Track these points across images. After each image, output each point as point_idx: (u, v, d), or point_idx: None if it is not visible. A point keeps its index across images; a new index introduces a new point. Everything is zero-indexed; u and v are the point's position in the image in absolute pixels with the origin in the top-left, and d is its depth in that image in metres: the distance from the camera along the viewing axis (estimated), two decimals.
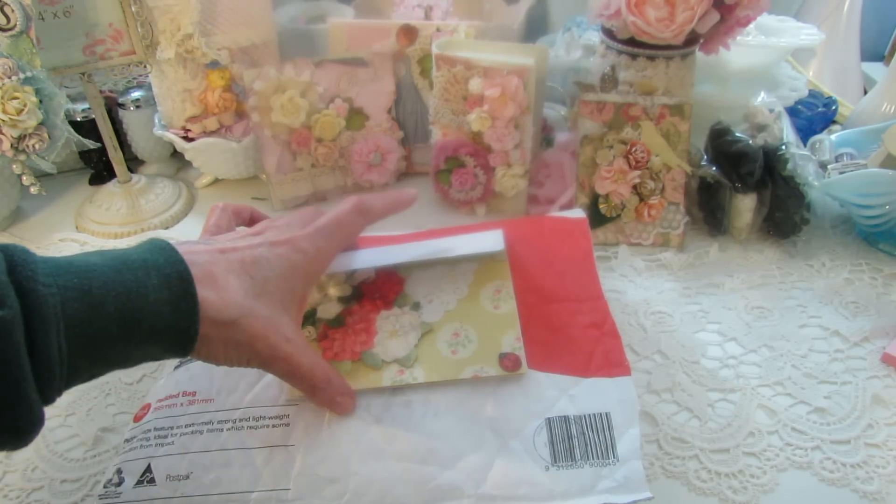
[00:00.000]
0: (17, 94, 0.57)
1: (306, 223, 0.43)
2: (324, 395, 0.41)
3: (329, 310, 0.49)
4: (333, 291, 0.50)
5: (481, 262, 0.51)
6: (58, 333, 0.29)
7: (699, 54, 0.69)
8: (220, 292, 0.35)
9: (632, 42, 0.66)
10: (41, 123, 0.59)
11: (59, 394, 0.31)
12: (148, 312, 0.32)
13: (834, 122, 0.83)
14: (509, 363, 0.44)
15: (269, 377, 0.45)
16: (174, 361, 0.50)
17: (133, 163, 0.84)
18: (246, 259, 0.37)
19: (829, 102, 0.82)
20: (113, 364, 0.33)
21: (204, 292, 0.34)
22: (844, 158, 0.69)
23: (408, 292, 0.50)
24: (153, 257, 0.34)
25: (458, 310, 0.48)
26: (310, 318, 0.49)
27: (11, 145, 0.58)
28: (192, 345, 0.34)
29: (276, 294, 0.38)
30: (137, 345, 0.33)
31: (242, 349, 0.37)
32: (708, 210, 0.68)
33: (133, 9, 0.64)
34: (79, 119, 0.77)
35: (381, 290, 0.51)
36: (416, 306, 0.49)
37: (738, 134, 0.66)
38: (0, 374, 0.28)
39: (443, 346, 0.46)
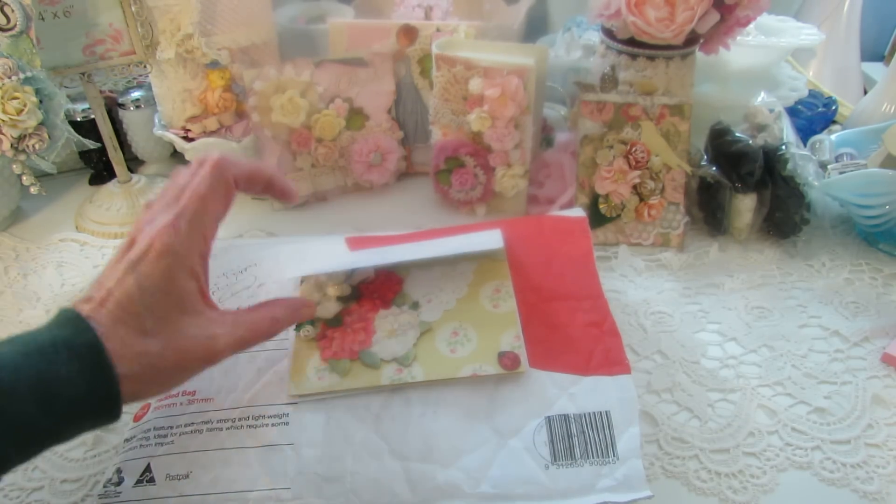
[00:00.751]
0: (17, 94, 0.57)
1: (174, 210, 0.39)
2: (283, 325, 0.43)
3: (328, 309, 0.49)
4: (332, 291, 0.50)
5: (481, 262, 0.51)
6: None
7: (699, 54, 0.69)
8: (120, 347, 0.34)
9: (632, 42, 0.66)
10: (41, 123, 0.59)
11: None
12: (63, 386, 0.32)
13: (834, 122, 0.83)
14: (508, 361, 0.44)
15: (269, 377, 0.45)
16: None
17: (133, 163, 0.84)
18: (122, 301, 0.35)
19: (829, 102, 0.82)
20: (44, 443, 0.34)
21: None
22: (844, 158, 0.69)
23: (406, 292, 0.50)
24: (61, 332, 0.34)
25: (458, 309, 0.48)
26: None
27: (11, 145, 0.58)
28: (118, 404, 0.34)
29: (166, 307, 0.37)
30: (61, 420, 0.33)
31: (176, 374, 0.37)
32: (708, 210, 0.68)
33: (133, 9, 0.64)
34: (79, 119, 0.77)
35: (380, 289, 0.50)
36: (415, 305, 0.49)
37: (738, 134, 0.66)
38: None
39: (441, 345, 0.46)
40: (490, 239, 0.53)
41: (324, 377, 0.45)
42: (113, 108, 0.80)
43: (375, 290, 0.51)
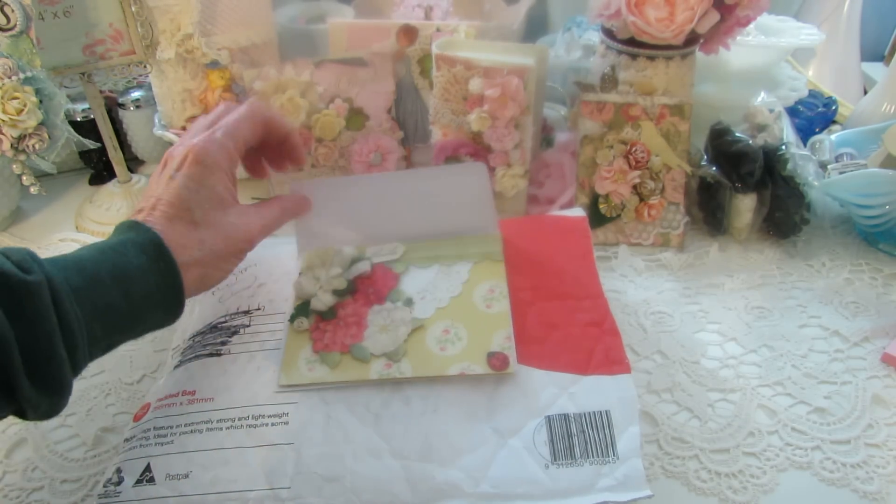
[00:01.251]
0: (17, 94, 0.57)
1: (208, 126, 0.46)
2: (288, 214, 0.50)
3: (322, 302, 0.50)
4: (329, 284, 0.51)
5: (478, 262, 0.52)
6: (70, 301, 0.34)
7: (699, 54, 0.69)
8: (179, 238, 0.41)
9: (632, 42, 0.66)
10: (41, 123, 0.59)
11: (85, 362, 0.36)
12: (135, 276, 0.38)
13: (834, 122, 0.83)
14: (497, 362, 0.45)
15: (268, 376, 0.45)
16: (174, 361, 0.50)
17: (133, 163, 0.84)
18: (171, 202, 0.42)
19: (829, 102, 0.82)
20: (124, 330, 0.38)
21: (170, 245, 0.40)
22: (844, 158, 0.69)
23: (402, 288, 0.51)
24: (127, 235, 0.40)
25: (451, 307, 0.49)
26: (303, 309, 0.50)
27: (11, 145, 0.58)
28: (181, 292, 0.40)
29: (208, 202, 0.43)
30: (137, 307, 0.38)
31: (227, 258, 0.44)
32: (708, 210, 0.68)
33: (133, 9, 0.64)
34: (79, 119, 0.77)
35: (376, 285, 0.51)
36: (409, 302, 0.50)
37: (738, 134, 0.66)
38: (36, 331, 0.33)
39: (432, 343, 0.47)
40: (474, 170, 0.54)
41: (314, 369, 0.46)
42: (113, 108, 0.81)
43: (371, 285, 0.51)
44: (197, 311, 0.54)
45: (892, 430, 0.48)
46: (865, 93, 0.90)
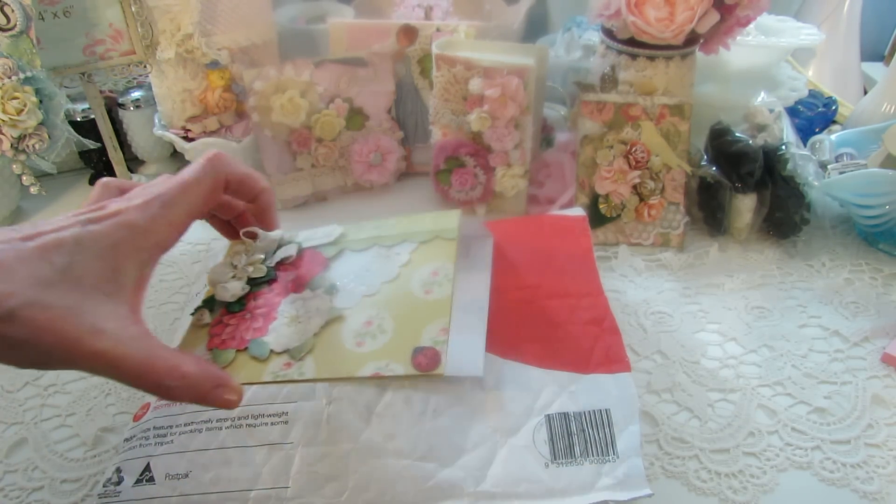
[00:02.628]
0: (17, 94, 0.57)
1: (153, 191, 0.36)
2: (182, 392, 0.33)
3: (229, 291, 0.43)
4: (244, 272, 0.44)
5: (425, 241, 0.45)
6: None
7: (699, 54, 0.70)
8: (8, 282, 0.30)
9: (632, 42, 0.66)
10: (41, 123, 0.59)
11: None
12: None
13: (834, 122, 0.83)
14: (424, 360, 0.38)
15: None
16: None
17: (133, 163, 0.84)
18: (48, 244, 0.31)
19: (829, 102, 0.82)
20: None
21: None
22: (844, 158, 0.69)
23: (327, 274, 0.44)
24: None
25: (380, 295, 0.42)
26: (210, 301, 0.44)
27: (11, 145, 0.58)
28: None
29: (86, 278, 0.32)
30: None
31: (26, 348, 0.30)
32: (708, 210, 0.68)
33: (133, 9, 0.64)
34: (79, 119, 0.77)
35: (299, 271, 0.44)
36: (331, 289, 0.43)
37: (738, 134, 0.66)
38: None
39: (348, 337, 0.40)
40: (446, 218, 0.46)
41: None
42: (113, 108, 0.81)
43: (294, 270, 0.45)
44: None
45: (892, 430, 0.48)
46: (865, 93, 0.90)
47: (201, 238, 0.69)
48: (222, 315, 0.42)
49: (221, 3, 0.72)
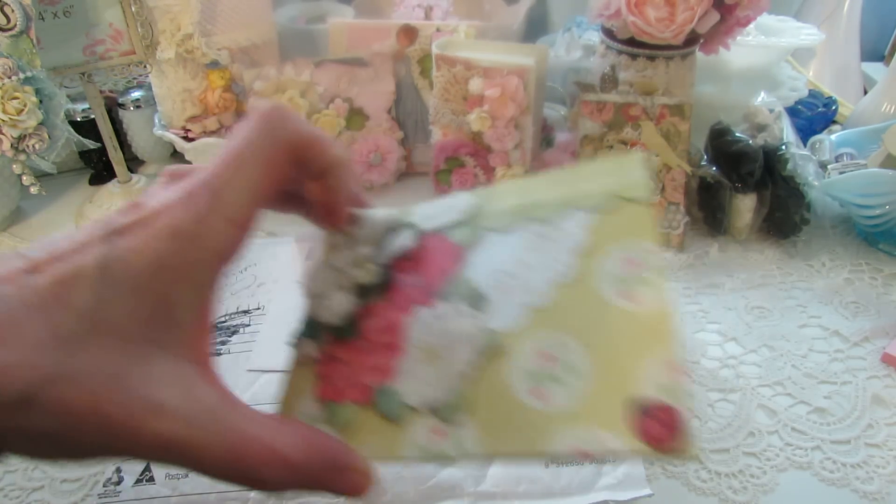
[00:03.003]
0: (17, 94, 0.57)
1: (201, 176, 0.24)
2: (287, 483, 0.23)
3: (334, 309, 0.29)
4: (350, 277, 0.30)
5: (603, 209, 0.27)
6: None
7: (699, 54, 0.70)
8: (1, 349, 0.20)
9: (632, 42, 0.66)
10: (41, 123, 0.59)
11: None
12: None
13: (834, 122, 0.83)
14: (655, 427, 0.23)
15: (268, 375, 0.45)
16: None
17: (133, 163, 0.84)
18: (65, 277, 0.21)
19: (829, 102, 0.82)
20: None
21: None
22: (844, 158, 0.69)
23: (465, 273, 0.28)
24: None
25: (555, 305, 0.26)
26: (312, 324, 0.30)
27: (11, 145, 0.58)
28: None
29: (124, 324, 0.21)
30: None
31: (55, 440, 0.20)
32: (708, 210, 0.68)
33: (133, 9, 0.64)
34: (79, 119, 0.77)
35: (424, 268, 0.30)
36: (477, 299, 0.27)
37: (738, 134, 0.66)
38: None
39: (517, 382, 0.25)
40: (622, 166, 0.28)
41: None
42: (113, 108, 0.81)
43: (416, 269, 0.30)
44: None
45: (892, 430, 0.48)
46: (865, 93, 0.90)
47: None
48: (331, 345, 0.29)
49: (221, 3, 0.73)
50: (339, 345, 0.29)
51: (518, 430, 0.24)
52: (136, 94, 0.81)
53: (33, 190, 0.63)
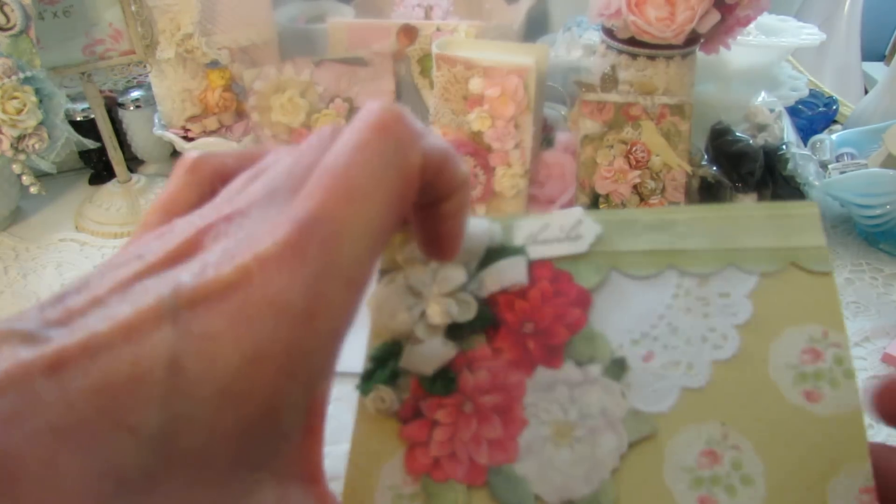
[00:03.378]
0: (16, 94, 0.57)
1: (301, 208, 0.15)
2: None
3: (426, 354, 0.23)
4: (436, 311, 0.23)
5: (775, 278, 0.22)
6: None
7: (699, 54, 0.69)
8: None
9: (632, 42, 0.66)
10: (41, 123, 0.59)
11: None
12: None
13: (834, 121, 0.83)
14: None
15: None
16: None
17: (133, 163, 0.84)
18: (114, 382, 0.13)
19: (830, 102, 0.82)
20: None
21: None
22: (845, 158, 0.69)
23: (595, 326, 0.23)
24: None
25: (717, 391, 0.21)
26: (384, 364, 0.23)
27: (11, 145, 0.58)
28: None
29: (208, 448, 0.14)
30: None
31: None
32: None
33: (133, 8, 0.64)
34: (79, 119, 0.77)
35: (541, 312, 0.23)
36: (619, 369, 0.22)
37: (738, 134, 0.66)
38: None
39: (679, 485, 0.20)
40: (792, 218, 0.23)
41: None
42: (113, 107, 0.80)
43: (532, 313, 0.23)
44: None
45: (892, 429, 0.48)
46: (866, 92, 0.90)
47: None
48: (416, 396, 0.22)
49: (221, 3, 0.72)
50: (431, 399, 0.22)
51: None
52: (136, 93, 0.81)
53: (33, 190, 0.63)
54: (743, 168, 0.64)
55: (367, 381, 0.23)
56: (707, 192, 0.67)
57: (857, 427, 0.20)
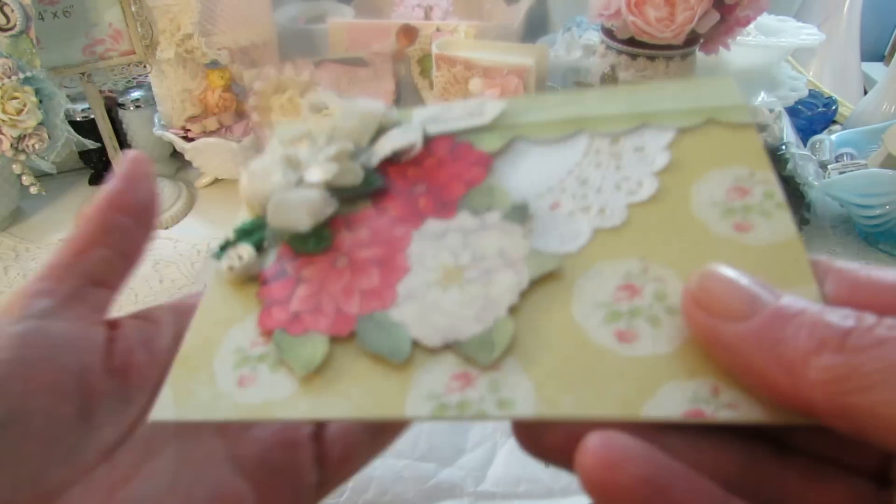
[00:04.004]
0: (16, 94, 0.57)
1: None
2: None
3: (305, 207, 0.21)
4: (315, 173, 0.22)
5: (693, 133, 0.22)
6: None
7: (699, 54, 0.69)
8: None
9: (632, 42, 0.66)
10: (41, 123, 0.59)
11: None
12: None
13: (834, 122, 0.83)
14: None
15: None
16: None
17: None
18: None
19: (829, 102, 0.82)
20: None
21: None
22: (844, 158, 0.69)
23: (497, 184, 0.22)
24: None
25: (635, 229, 0.20)
26: (252, 227, 0.22)
27: (11, 145, 0.58)
28: None
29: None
30: None
31: None
32: None
33: (133, 9, 0.64)
34: (79, 119, 0.77)
35: (435, 175, 0.22)
36: (520, 214, 0.21)
37: None
38: None
39: (591, 321, 0.18)
40: (708, 88, 0.23)
41: (255, 379, 0.19)
42: (113, 108, 0.81)
43: (424, 177, 0.22)
44: None
45: None
46: (865, 93, 0.90)
47: (202, 237, 0.69)
48: (284, 259, 0.21)
49: (221, 3, 0.73)
50: (301, 259, 0.21)
51: (602, 385, 0.17)
52: (136, 94, 0.81)
53: (33, 190, 0.63)
54: None
55: (224, 248, 0.22)
56: None
57: (798, 251, 0.18)
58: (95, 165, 0.82)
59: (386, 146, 0.23)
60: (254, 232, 0.22)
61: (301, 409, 0.18)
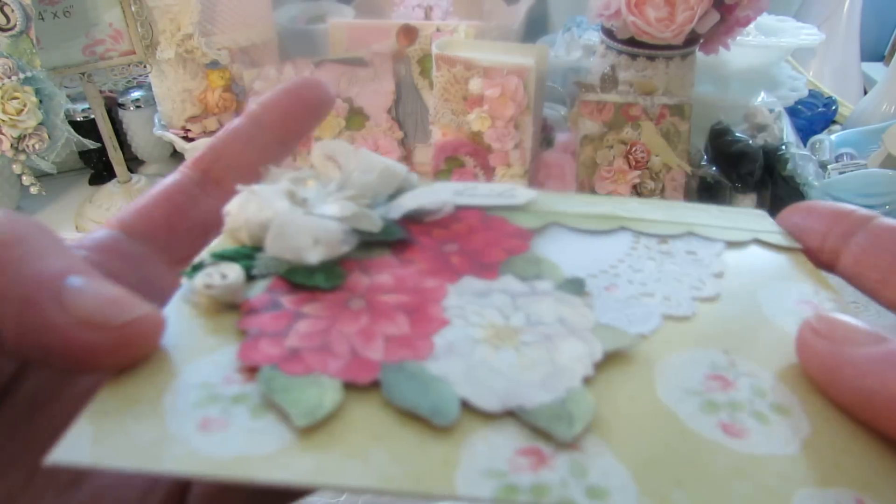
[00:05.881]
0: (17, 94, 0.57)
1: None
2: None
3: (313, 229, 0.18)
4: (333, 209, 0.19)
5: (741, 249, 0.21)
6: None
7: (699, 54, 0.70)
8: None
9: (632, 42, 0.66)
10: (41, 123, 0.59)
11: None
12: None
13: (834, 122, 0.83)
14: None
15: None
16: None
17: (133, 163, 0.84)
18: None
19: (829, 102, 0.82)
20: None
21: None
22: (844, 158, 0.69)
23: (539, 253, 0.20)
24: None
25: (708, 320, 0.18)
26: (232, 259, 0.18)
27: (11, 145, 0.58)
28: None
29: None
30: None
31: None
32: None
33: (133, 9, 0.64)
34: (79, 119, 0.77)
35: (468, 239, 0.20)
36: (576, 286, 0.19)
37: (738, 134, 0.66)
38: None
39: (682, 403, 0.16)
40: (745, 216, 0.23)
41: (227, 420, 0.14)
42: (113, 108, 0.81)
43: (452, 235, 0.20)
44: None
45: None
46: (865, 93, 0.90)
47: None
48: (277, 291, 0.17)
49: (221, 3, 0.73)
50: (299, 294, 0.17)
51: (720, 483, 0.14)
52: (136, 94, 0.81)
53: (33, 190, 0.63)
54: (742, 168, 0.64)
55: (198, 268, 0.17)
56: (706, 192, 0.67)
57: None
58: (95, 165, 0.82)
59: (411, 201, 0.20)
60: (237, 259, 0.18)
61: (298, 469, 0.13)
